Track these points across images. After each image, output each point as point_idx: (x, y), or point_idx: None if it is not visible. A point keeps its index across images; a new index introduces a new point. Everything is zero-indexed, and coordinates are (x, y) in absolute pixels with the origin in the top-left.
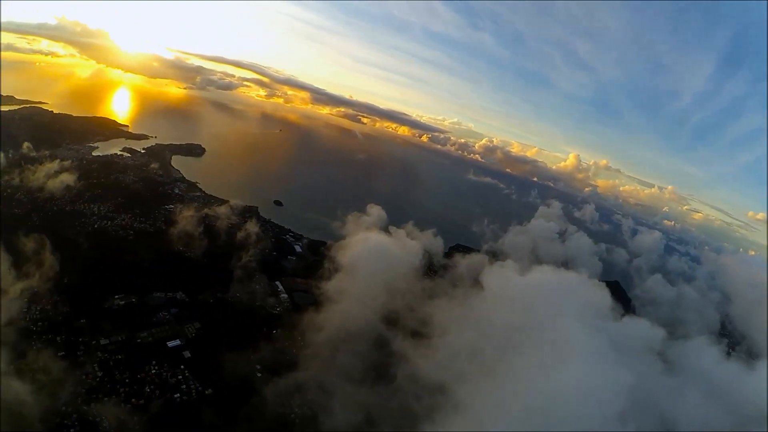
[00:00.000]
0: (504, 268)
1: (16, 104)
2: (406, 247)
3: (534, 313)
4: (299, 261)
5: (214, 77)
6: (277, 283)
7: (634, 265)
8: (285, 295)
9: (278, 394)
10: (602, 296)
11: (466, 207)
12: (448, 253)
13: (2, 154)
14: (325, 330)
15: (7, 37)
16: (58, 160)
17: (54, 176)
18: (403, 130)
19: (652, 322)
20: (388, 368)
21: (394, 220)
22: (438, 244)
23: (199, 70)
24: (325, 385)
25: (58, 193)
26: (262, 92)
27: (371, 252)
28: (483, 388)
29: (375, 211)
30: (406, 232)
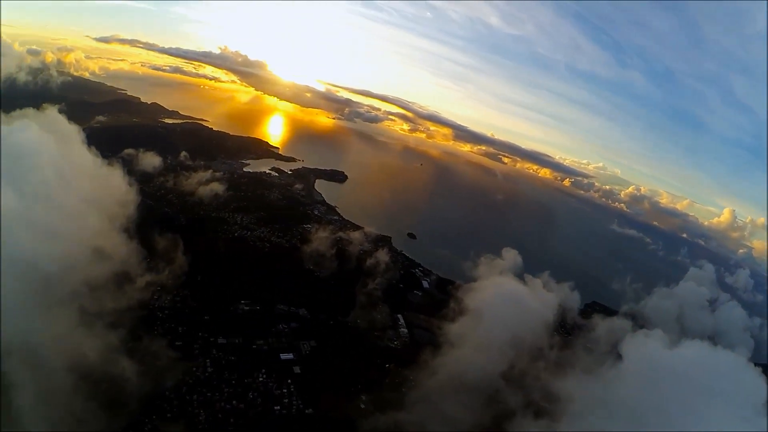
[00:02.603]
0: (649, 338)
1: (179, 119)
2: (541, 299)
3: (681, 399)
4: (425, 297)
5: (362, 110)
6: (399, 316)
7: None
8: (405, 330)
9: (377, 431)
10: (760, 385)
11: (607, 261)
12: (584, 311)
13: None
14: (439, 374)
15: (176, 62)
16: (211, 171)
17: (205, 184)
18: (545, 173)
19: None
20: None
21: (529, 267)
22: (574, 300)
23: (347, 102)
24: None
25: (207, 200)
26: (406, 126)
27: (502, 299)
28: None
29: (510, 256)
30: (542, 283)
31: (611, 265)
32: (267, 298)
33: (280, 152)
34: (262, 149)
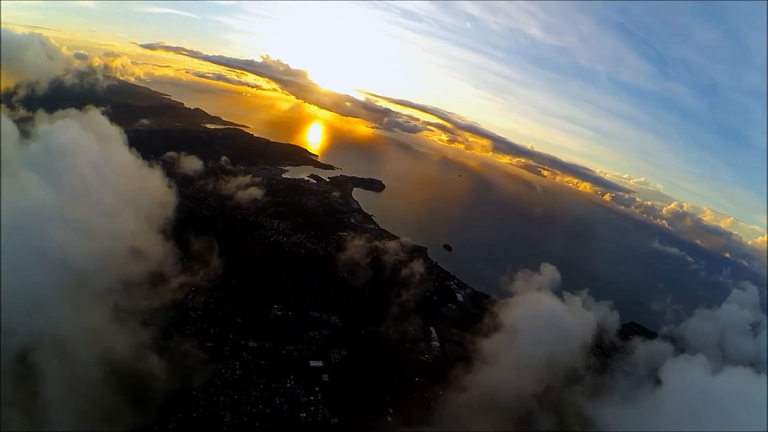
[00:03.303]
0: (690, 363)
1: (221, 125)
2: (578, 317)
3: (722, 430)
4: (459, 311)
5: (400, 120)
6: (432, 328)
7: None
8: (437, 343)
9: None
10: None
11: (648, 279)
12: (622, 332)
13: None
14: (470, 392)
15: (220, 69)
16: (250, 176)
17: (244, 189)
18: (585, 187)
19: None
20: None
21: (567, 284)
22: (613, 320)
23: (386, 112)
24: None
25: (245, 204)
26: (444, 137)
27: (538, 316)
28: None
29: (548, 272)
30: (580, 301)
31: (651, 284)
32: (300, 304)
33: (318, 160)
34: (301, 156)
